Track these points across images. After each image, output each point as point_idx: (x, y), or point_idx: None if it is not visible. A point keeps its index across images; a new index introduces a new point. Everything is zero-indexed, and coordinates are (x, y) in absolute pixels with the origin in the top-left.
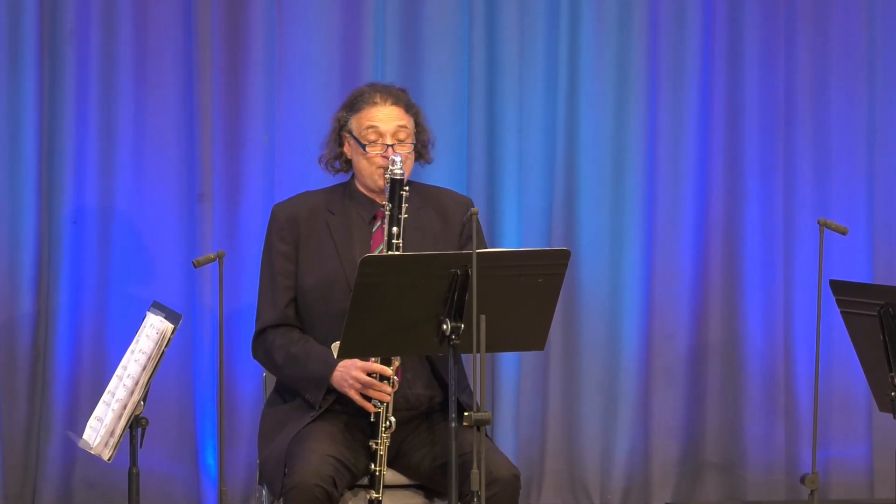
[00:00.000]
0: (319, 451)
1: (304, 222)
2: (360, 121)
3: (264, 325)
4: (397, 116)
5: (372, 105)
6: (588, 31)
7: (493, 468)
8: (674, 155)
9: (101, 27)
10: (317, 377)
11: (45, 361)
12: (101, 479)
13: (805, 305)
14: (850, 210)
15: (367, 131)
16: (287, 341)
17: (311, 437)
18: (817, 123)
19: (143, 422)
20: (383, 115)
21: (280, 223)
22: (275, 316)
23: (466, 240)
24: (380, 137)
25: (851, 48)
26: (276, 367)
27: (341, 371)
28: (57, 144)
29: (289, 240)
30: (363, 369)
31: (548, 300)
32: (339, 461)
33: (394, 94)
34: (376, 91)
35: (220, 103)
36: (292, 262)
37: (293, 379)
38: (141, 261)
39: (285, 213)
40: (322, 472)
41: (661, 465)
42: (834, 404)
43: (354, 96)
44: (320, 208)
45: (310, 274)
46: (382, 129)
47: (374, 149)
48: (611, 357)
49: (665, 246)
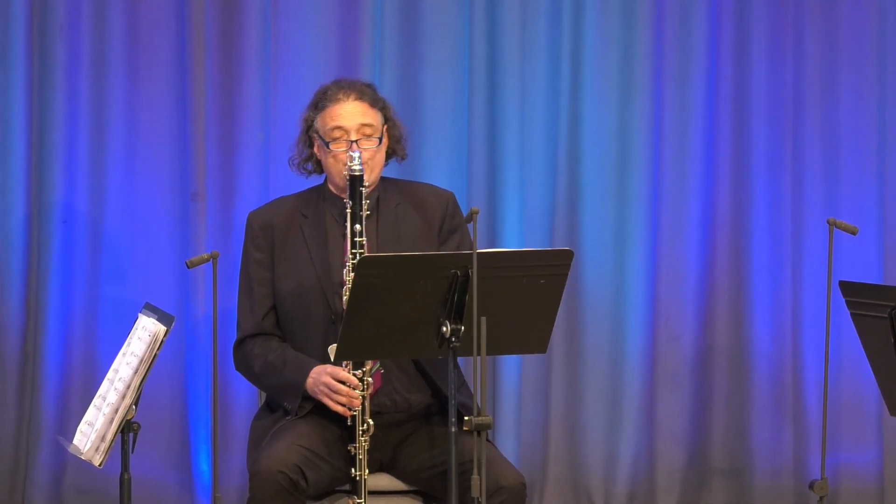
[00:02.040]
0: (287, 441)
1: (279, 228)
2: (324, 119)
3: (243, 335)
4: (361, 112)
5: (335, 102)
6: (591, 25)
7: (499, 476)
8: (679, 153)
9: (92, 22)
10: (292, 384)
11: (34, 364)
12: (92, 485)
13: (814, 307)
14: (861, 209)
15: (331, 129)
16: (265, 350)
17: (283, 431)
18: (826, 120)
19: (135, 426)
20: (346, 112)
21: (255, 231)
22: (252, 325)
23: (447, 235)
24: (344, 134)
25: (862, 43)
26: (255, 377)
27: (314, 378)
28: (46, 142)
29: (263, 247)
30: (333, 375)
31: (550, 302)
32: (311, 451)
33: (357, 89)
34: (340, 87)
35: (214, 100)
36: (268, 269)
37: (271, 388)
38: (133, 261)
39: (259, 220)
40: (287, 460)
41: (666, 471)
42: (843, 408)
43: (319, 94)
44: (295, 212)
45: (285, 280)
46: (346, 125)
47: (339, 146)
48: (615, 360)
49: (670, 246)
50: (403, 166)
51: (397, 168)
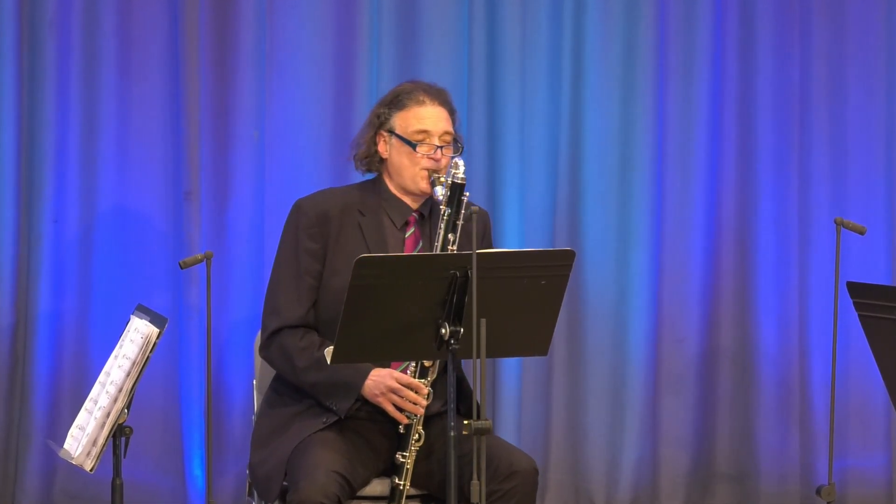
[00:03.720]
0: (324, 467)
1: (336, 220)
2: (406, 119)
3: (282, 324)
4: (445, 118)
5: (420, 104)
6: (593, 20)
7: (513, 460)
8: (683, 151)
9: (83, 17)
10: (346, 384)
11: (25, 367)
12: (83, 490)
13: (821, 309)
14: (869, 208)
15: (415, 131)
16: (309, 344)
17: (315, 448)
18: (834, 118)
19: (127, 431)
20: (432, 116)
21: (310, 219)
22: (296, 316)
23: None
24: (428, 138)
25: (870, 38)
26: (296, 371)
27: (375, 380)
28: (37, 140)
29: (318, 238)
30: (399, 380)
31: (551, 303)
32: (343, 476)
33: (441, 96)
34: (421, 89)
35: (208, 97)
36: (320, 261)
37: (316, 384)
38: (125, 262)
39: (316, 209)
40: (328, 490)
41: (669, 476)
42: (851, 412)
43: (398, 93)
44: (351, 207)
45: (339, 275)
46: (432, 129)
47: (424, 149)
48: (617, 363)
49: (674, 246)
50: None
51: None
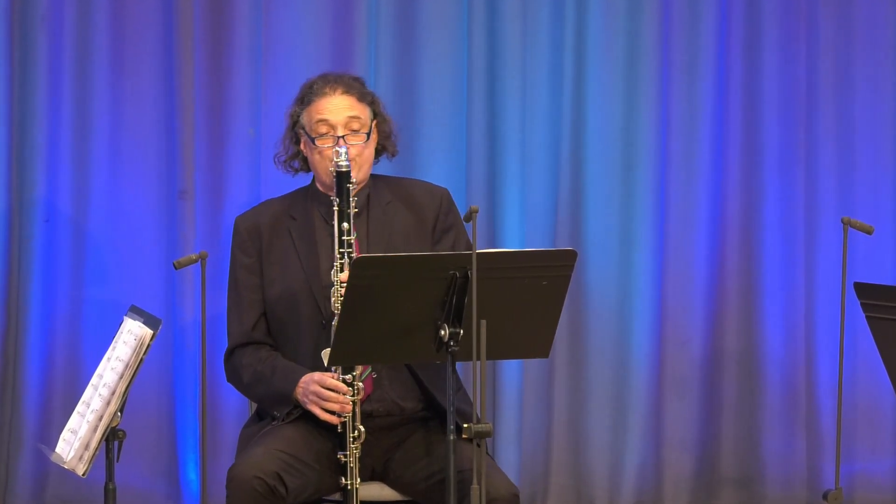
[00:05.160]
0: (267, 446)
1: (266, 231)
2: (310, 114)
3: (233, 345)
4: (348, 106)
5: (322, 96)
6: (596, 16)
7: (490, 487)
8: (687, 149)
9: (75, 12)
10: (281, 394)
11: (15, 369)
12: (76, 495)
13: (828, 310)
14: (876, 208)
15: (317, 124)
16: (253, 360)
17: (266, 436)
18: (841, 115)
19: (121, 434)
20: (333, 106)
21: (242, 235)
22: (241, 335)
23: (441, 233)
24: (330, 129)
25: (878, 33)
26: (245, 388)
27: (302, 387)
28: (27, 137)
29: (251, 251)
30: (320, 383)
31: (553, 304)
32: (293, 457)
33: (344, 83)
34: (326, 81)
35: (203, 94)
36: (257, 274)
37: (260, 398)
38: (118, 262)
39: (246, 224)
40: (265, 466)
41: (673, 481)
42: (859, 415)
43: (305, 88)
44: (282, 214)
45: (274, 285)
46: (332, 120)
47: (325, 142)
48: (620, 365)
49: (678, 247)
50: (399, 163)
51: (392, 165)
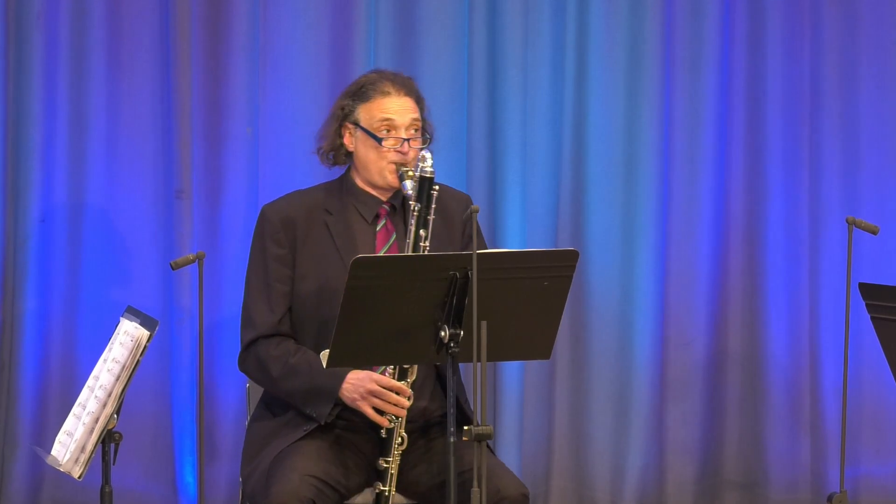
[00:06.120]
0: (301, 470)
1: (301, 224)
2: (370, 111)
3: (256, 334)
4: (411, 108)
5: (384, 95)
6: (598, 12)
7: (500, 486)
8: (690, 148)
9: (71, 9)
10: (324, 389)
11: (11, 371)
12: (72, 498)
13: (832, 311)
14: (882, 207)
15: (379, 123)
16: (283, 352)
17: (295, 455)
18: (845, 113)
19: (117, 436)
20: (398, 107)
21: (274, 225)
22: (269, 325)
23: (468, 240)
24: (394, 130)
25: (882, 30)
26: (272, 381)
27: (353, 383)
28: (23, 136)
29: (284, 243)
30: (378, 382)
31: (554, 305)
32: (323, 481)
33: (406, 85)
34: (386, 79)
35: (200, 92)
36: (289, 266)
37: (293, 392)
38: (114, 262)
39: (280, 214)
40: (301, 494)
41: (676, 484)
42: (864, 417)
43: (362, 84)
44: (317, 208)
45: (307, 279)
46: (398, 121)
47: (390, 142)
48: (622, 366)
49: (681, 247)
50: None
51: None
